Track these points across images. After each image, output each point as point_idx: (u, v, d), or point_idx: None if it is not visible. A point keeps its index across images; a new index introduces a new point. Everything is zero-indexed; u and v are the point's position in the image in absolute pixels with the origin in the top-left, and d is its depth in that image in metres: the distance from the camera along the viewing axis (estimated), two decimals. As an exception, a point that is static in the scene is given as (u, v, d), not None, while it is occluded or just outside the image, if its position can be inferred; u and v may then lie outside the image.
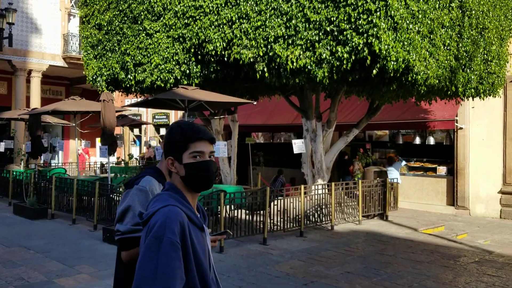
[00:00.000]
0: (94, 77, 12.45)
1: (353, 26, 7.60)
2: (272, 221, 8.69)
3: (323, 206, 9.72)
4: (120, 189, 8.29)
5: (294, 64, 8.19)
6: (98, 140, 17.01)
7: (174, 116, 21.63)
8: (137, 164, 20.07)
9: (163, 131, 21.83)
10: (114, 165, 17.84)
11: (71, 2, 23.34)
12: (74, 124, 14.14)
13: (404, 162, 13.20)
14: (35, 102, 21.55)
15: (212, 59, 9.58)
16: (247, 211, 8.51)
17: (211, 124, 12.41)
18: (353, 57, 7.68)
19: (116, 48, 11.68)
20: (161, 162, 2.72)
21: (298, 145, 9.88)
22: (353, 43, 7.55)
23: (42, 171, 14.17)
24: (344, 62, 7.70)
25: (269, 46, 8.56)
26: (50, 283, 5.78)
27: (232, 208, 8.23)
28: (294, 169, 14.24)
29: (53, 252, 7.35)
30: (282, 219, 8.89)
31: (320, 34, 7.98)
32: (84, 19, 12.81)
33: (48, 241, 8.17)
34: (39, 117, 12.07)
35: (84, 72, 12.99)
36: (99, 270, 6.41)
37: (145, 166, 19.19)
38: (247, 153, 12.55)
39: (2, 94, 24.55)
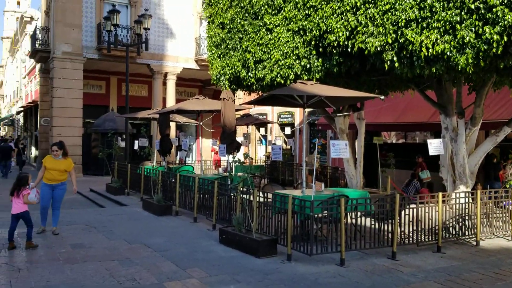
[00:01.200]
0: (218, 77, 12.50)
1: (506, 1, 6.21)
2: (402, 232, 7.59)
3: (466, 217, 8.28)
4: (240, 189, 7.95)
5: (430, 50, 7.03)
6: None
7: (299, 114, 21.16)
8: (262, 163, 20.03)
9: (288, 130, 21.50)
10: (238, 164, 17.96)
11: (202, 6, 24.25)
12: (201, 123, 14.48)
13: None
14: (171, 103, 22.89)
15: (334, 51, 8.78)
16: (374, 219, 7.54)
17: (334, 122, 11.58)
18: (505, 39, 6.28)
19: (238, 46, 11.52)
20: None
21: (435, 146, 8.59)
22: (506, 22, 6.17)
23: (172, 169, 14.76)
24: (494, 45, 6.36)
25: (399, 32, 7.50)
26: (159, 286, 5.59)
27: (355, 215, 7.35)
28: (431, 172, 12.69)
29: (169, 252, 7.28)
30: (414, 231, 7.73)
31: (462, 13, 6.71)
32: (209, 19, 12.96)
33: (168, 239, 8.19)
34: (167, 116, 12.49)
35: (209, 72, 13.15)
36: (210, 275, 6.09)
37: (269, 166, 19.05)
38: (375, 154, 11.44)
39: (143, 96, 26.65)
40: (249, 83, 11.32)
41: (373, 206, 7.57)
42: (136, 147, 14.89)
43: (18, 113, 40.86)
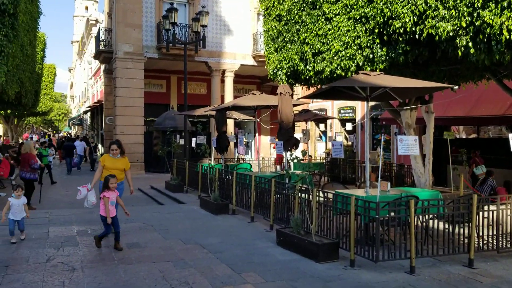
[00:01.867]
0: (274, 71, 12.11)
1: None
2: (480, 237, 6.81)
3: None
4: (298, 188, 7.51)
5: (513, 33, 6.21)
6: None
7: (361, 109, 20.29)
8: (323, 160, 19.41)
9: (349, 126, 20.70)
10: (296, 161, 17.48)
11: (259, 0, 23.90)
12: (258, 120, 14.16)
13: None
14: (229, 100, 22.78)
15: (400, 39, 8.09)
16: (447, 222, 6.81)
17: (400, 116, 10.79)
18: None
19: (295, 38, 11.05)
20: None
21: (517, 141, 7.65)
22: None
23: (230, 166, 14.56)
24: None
25: (474, 14, 6.72)
26: (213, 292, 5.29)
27: (426, 218, 6.66)
28: (507, 169, 11.58)
29: (225, 253, 6.98)
30: (494, 235, 6.91)
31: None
32: (265, 12, 12.59)
33: (223, 239, 7.91)
34: (223, 113, 12.26)
35: (265, 67, 12.78)
36: (266, 281, 5.70)
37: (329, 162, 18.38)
38: (445, 150, 10.54)
39: (203, 94, 26.82)
40: (307, 77, 10.84)
41: (446, 207, 6.84)
42: (193, 145, 14.84)
43: (85, 112, 42.84)
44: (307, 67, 10.59)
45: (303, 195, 7.48)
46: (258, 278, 5.79)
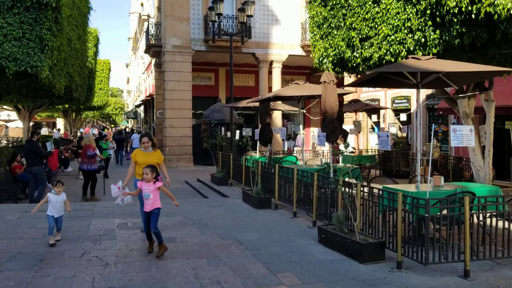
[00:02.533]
0: (320, 59, 11.57)
1: None
2: (547, 239, 6.05)
3: None
4: (341, 182, 7.02)
5: None
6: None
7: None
8: (374, 152, 18.60)
9: (403, 117, 19.70)
10: (347, 153, 16.84)
11: (307, -12, 23.27)
12: (304, 111, 13.68)
13: None
14: (276, 91, 22.36)
15: (455, 20, 7.35)
16: (507, 221, 6.10)
17: (457, 105, 9.95)
18: None
19: (342, 24, 10.47)
20: None
21: None
22: None
23: (275, 159, 14.21)
24: None
25: (543, -13, 5.92)
26: (244, 294, 4.98)
27: (484, 216, 6.00)
28: None
29: (262, 251, 6.65)
30: None
31: None
32: (310, -3, 12.05)
33: (263, 235, 7.58)
34: (267, 104, 11.89)
35: (311, 55, 12.27)
36: (303, 283, 5.30)
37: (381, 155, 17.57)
38: (508, 142, 9.62)
39: (251, 86, 26.59)
40: (354, 64, 10.24)
41: (507, 205, 6.14)
42: (237, 137, 14.60)
43: (137, 106, 43.94)
44: (354, 53, 10.00)
45: (346, 190, 6.99)
46: (295, 279, 5.41)
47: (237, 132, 14.97)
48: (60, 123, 48.78)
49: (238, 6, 21.52)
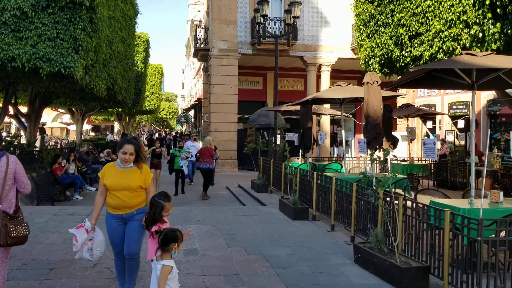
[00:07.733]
0: (366, 60, 10.74)
1: None
2: None
3: None
4: (380, 195, 6.21)
5: None
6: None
7: (476, 104, 17.73)
8: (428, 161, 17.30)
9: (461, 123, 18.26)
10: (398, 162, 15.75)
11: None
12: (349, 115, 12.83)
13: None
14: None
15: (520, 9, 6.35)
16: None
17: (522, 110, 8.80)
18: None
19: (389, 21, 9.60)
20: None
21: None
22: None
23: (318, 166, 13.44)
24: None
25: None
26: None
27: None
28: None
29: (289, 269, 5.96)
30: None
31: None
32: (356, -6, 11.25)
33: (293, 251, 6.89)
34: (308, 108, 11.17)
35: (356, 55, 11.43)
36: (328, 311, 4.57)
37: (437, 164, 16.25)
38: None
39: (299, 90, 25.86)
40: (403, 64, 9.34)
41: None
42: (278, 142, 13.95)
43: (187, 110, 44.38)
44: (403, 52, 9.11)
45: (386, 203, 6.16)
46: (319, 307, 4.69)
47: (278, 137, 14.32)
48: (117, 126, 50.26)
49: (286, 8, 20.95)
